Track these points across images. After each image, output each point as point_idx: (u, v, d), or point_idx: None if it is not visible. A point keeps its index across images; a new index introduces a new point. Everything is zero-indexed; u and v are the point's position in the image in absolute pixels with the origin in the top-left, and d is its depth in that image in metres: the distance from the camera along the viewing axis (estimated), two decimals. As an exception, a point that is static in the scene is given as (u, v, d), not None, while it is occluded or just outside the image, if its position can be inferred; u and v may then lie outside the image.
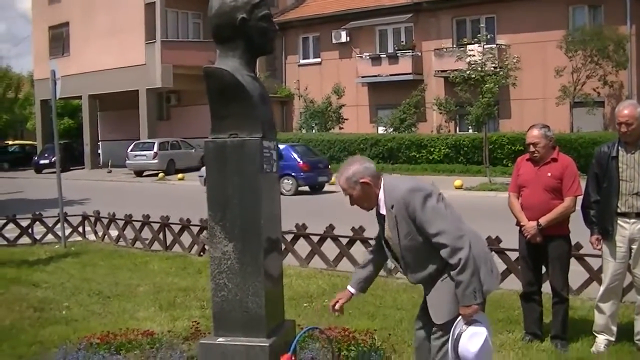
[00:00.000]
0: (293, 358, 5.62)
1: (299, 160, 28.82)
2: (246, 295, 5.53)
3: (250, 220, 5.52)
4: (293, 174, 28.55)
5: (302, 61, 41.21)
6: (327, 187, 29.59)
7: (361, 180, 5.27)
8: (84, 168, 47.81)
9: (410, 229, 5.13)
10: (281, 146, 29.43)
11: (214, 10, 5.62)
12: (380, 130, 40.50)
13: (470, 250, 5.00)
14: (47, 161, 48.00)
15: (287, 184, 28.25)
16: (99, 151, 51.04)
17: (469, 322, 5.07)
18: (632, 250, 7.27)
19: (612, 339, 7.51)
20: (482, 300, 5.08)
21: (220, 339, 5.56)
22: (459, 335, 5.09)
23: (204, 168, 29.69)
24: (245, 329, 5.53)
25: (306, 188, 29.06)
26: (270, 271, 5.68)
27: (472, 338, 5.05)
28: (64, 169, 30.11)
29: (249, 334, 5.51)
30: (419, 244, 5.16)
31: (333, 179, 18.17)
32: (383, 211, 5.29)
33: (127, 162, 41.98)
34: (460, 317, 5.09)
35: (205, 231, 13.97)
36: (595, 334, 7.61)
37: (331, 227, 12.50)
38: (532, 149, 7.65)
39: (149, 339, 7.40)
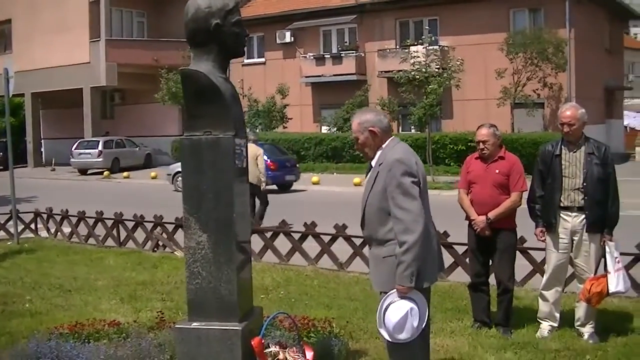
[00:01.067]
0: (263, 341, 6.03)
1: (266, 159, 28.86)
2: (219, 282, 5.91)
3: (224, 212, 5.90)
4: None
5: (247, 61, 41.30)
6: (295, 186, 29.74)
7: (370, 128, 5.60)
8: (26, 166, 47.33)
9: (382, 191, 5.43)
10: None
11: (190, 15, 5.96)
12: (324, 129, 40.75)
13: (421, 237, 5.28)
14: (-14, 159, 47.53)
15: None
16: (42, 149, 50.55)
17: (402, 297, 5.38)
18: (574, 242, 7.81)
19: (556, 324, 8.03)
20: (414, 284, 5.31)
21: (195, 324, 5.94)
22: (389, 305, 5.42)
23: (172, 166, 29.87)
24: (218, 314, 5.91)
25: (274, 187, 29.03)
26: (241, 260, 6.07)
27: (396, 310, 5.36)
28: (5, 167, 29.88)
29: (223, 319, 5.90)
30: (380, 207, 5.45)
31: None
32: (373, 163, 5.63)
33: (72, 160, 41.75)
34: (393, 291, 5.41)
35: (158, 227, 14.27)
36: (540, 321, 8.12)
37: (284, 223, 12.86)
38: (481, 146, 8.16)
39: (116, 329, 7.66)
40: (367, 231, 5.67)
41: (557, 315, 8.06)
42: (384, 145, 5.63)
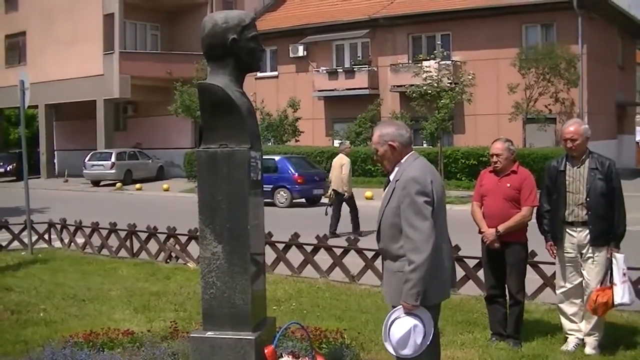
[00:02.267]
0: (276, 350, 6.13)
1: (293, 172, 28.86)
2: (234, 292, 6.02)
3: (238, 223, 6.01)
4: (288, 186, 28.76)
5: (260, 74, 41.43)
6: (324, 200, 29.69)
7: (389, 142, 5.66)
8: (39, 177, 47.55)
9: (395, 207, 5.50)
10: (276, 158, 29.61)
11: (207, 30, 6.07)
12: (336, 143, 40.82)
13: (429, 257, 5.33)
14: (1, 170, 47.83)
15: (282, 196, 28.58)
16: (55, 160, 50.84)
17: (407, 313, 5.45)
18: (582, 255, 7.90)
19: (581, 336, 8.10)
20: (418, 302, 5.36)
21: (210, 333, 6.04)
22: (395, 320, 5.50)
23: None
24: (232, 324, 6.01)
25: (303, 200, 29.13)
26: (255, 271, 6.17)
27: (400, 326, 5.44)
28: (19, 177, 30.05)
29: (236, 328, 6.00)
30: (393, 222, 5.52)
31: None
32: (391, 177, 5.69)
33: (84, 171, 42.00)
34: (399, 306, 5.48)
35: (171, 239, 14.38)
36: (567, 335, 8.21)
37: (296, 236, 12.95)
38: (495, 159, 8.28)
39: (130, 338, 7.79)
40: (382, 244, 5.73)
41: (581, 326, 8.13)
42: (402, 161, 5.68)
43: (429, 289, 5.41)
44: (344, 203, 19.35)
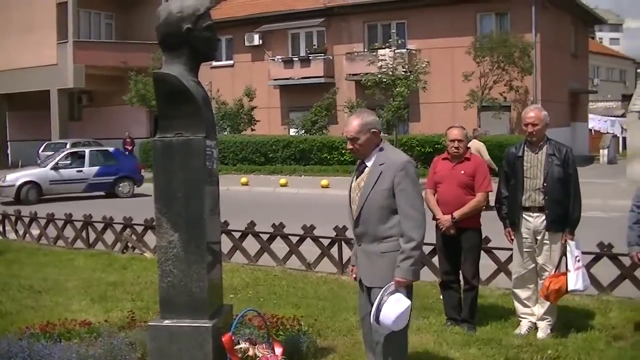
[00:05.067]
0: (233, 337, 6.17)
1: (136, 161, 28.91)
2: (190, 280, 6.06)
3: (194, 212, 6.05)
4: (131, 176, 28.88)
5: (215, 63, 41.25)
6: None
7: (372, 130, 5.81)
8: (-9, 168, 46.97)
9: (387, 189, 5.65)
10: (111, 149, 29.82)
11: (162, 19, 6.09)
12: (292, 132, 40.82)
13: (424, 235, 5.64)
14: (-47, 161, 47.19)
15: (125, 186, 28.53)
16: (8, 151, 50.21)
17: (397, 291, 5.59)
18: (537, 241, 8.04)
19: (534, 320, 8.24)
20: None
21: (167, 321, 6.08)
22: (385, 300, 5.59)
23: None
24: (189, 312, 6.06)
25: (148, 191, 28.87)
26: (211, 259, 6.22)
27: (396, 302, 5.56)
28: (-30, 168, 29.60)
29: (194, 316, 6.04)
30: (383, 204, 5.66)
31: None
32: (368, 164, 5.83)
33: (39, 162, 41.44)
34: (391, 284, 5.60)
35: (128, 229, 14.33)
36: (520, 319, 8.35)
37: (252, 224, 12.97)
38: (456, 144, 8.38)
39: (87, 329, 7.74)
40: (363, 228, 5.82)
41: (534, 310, 8.26)
42: (382, 145, 5.85)
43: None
44: None
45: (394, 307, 5.55)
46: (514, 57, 33.14)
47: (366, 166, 5.85)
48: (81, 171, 27.87)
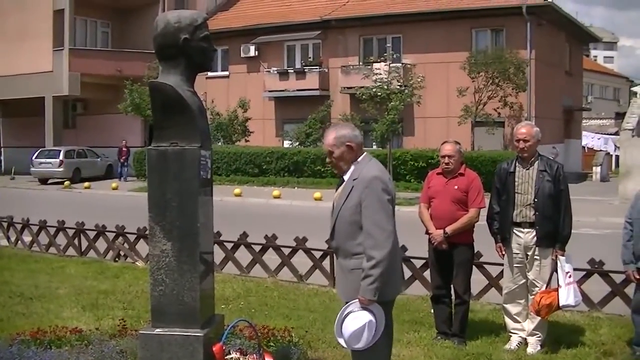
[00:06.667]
0: (224, 347, 6.18)
1: None
2: (182, 290, 6.06)
3: (187, 221, 6.06)
4: None
5: (210, 74, 41.21)
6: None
7: (347, 143, 5.73)
8: (-16, 174, 46.90)
9: (355, 205, 5.58)
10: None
11: (159, 29, 6.10)
12: (286, 144, 40.85)
13: (389, 254, 5.47)
14: (-54, 167, 47.16)
15: None
16: (1, 157, 50.12)
17: (363, 308, 5.54)
18: (528, 257, 8.07)
19: (524, 336, 8.28)
20: (376, 298, 5.48)
21: (158, 330, 6.08)
22: (348, 314, 5.58)
23: None
24: (181, 321, 6.06)
25: None
26: (204, 269, 6.22)
27: (353, 320, 5.54)
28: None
29: (185, 326, 6.04)
30: (352, 220, 5.60)
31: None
32: (345, 177, 5.78)
33: (32, 169, 41.42)
34: (356, 300, 5.56)
35: (120, 237, 14.33)
36: (510, 334, 8.39)
37: (244, 235, 12.99)
38: (447, 160, 8.43)
39: (78, 336, 7.73)
40: (336, 242, 5.81)
41: (524, 325, 8.30)
42: (359, 160, 5.78)
43: (386, 285, 5.54)
44: None
45: (352, 323, 5.53)
46: (509, 74, 33.22)
47: (344, 180, 5.83)
48: None
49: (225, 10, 47.31)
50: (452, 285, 8.60)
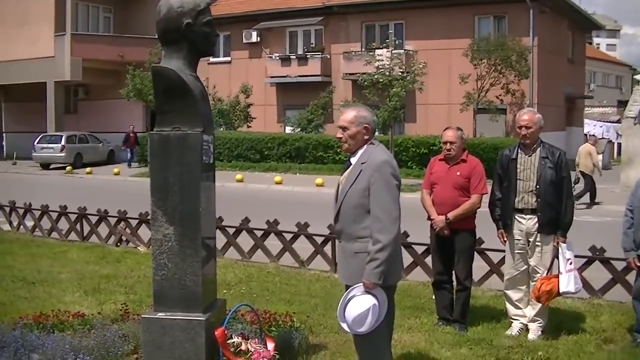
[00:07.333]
0: (226, 331, 6.21)
1: None
2: (185, 274, 6.09)
3: (190, 206, 6.08)
4: None
5: (213, 59, 41.11)
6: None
7: (365, 125, 5.79)
8: (-15, 159, 46.91)
9: (364, 188, 5.59)
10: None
11: (162, 14, 6.10)
12: (288, 130, 40.83)
13: (394, 239, 5.53)
14: (-52, 152, 47.15)
15: None
16: (3, 143, 50.14)
17: (367, 292, 5.56)
18: (530, 243, 8.09)
19: (526, 322, 8.30)
20: (381, 282, 5.51)
21: (160, 314, 6.11)
22: (352, 298, 5.61)
23: None
24: (183, 305, 6.08)
25: None
26: (206, 253, 6.24)
27: (357, 304, 5.55)
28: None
29: (187, 310, 6.07)
30: (359, 204, 5.62)
31: None
32: (353, 160, 5.81)
33: (34, 154, 41.39)
34: (359, 284, 5.59)
35: (122, 222, 14.35)
36: (511, 320, 8.41)
37: (246, 220, 13.00)
38: (448, 146, 8.44)
39: (80, 320, 7.78)
40: (340, 226, 5.82)
41: (525, 312, 8.33)
42: (368, 144, 5.81)
43: (390, 269, 5.58)
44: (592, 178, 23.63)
45: (355, 307, 5.55)
46: (511, 61, 33.08)
47: (351, 163, 5.84)
48: None
49: (227, -4, 47.19)
50: (453, 271, 8.60)
